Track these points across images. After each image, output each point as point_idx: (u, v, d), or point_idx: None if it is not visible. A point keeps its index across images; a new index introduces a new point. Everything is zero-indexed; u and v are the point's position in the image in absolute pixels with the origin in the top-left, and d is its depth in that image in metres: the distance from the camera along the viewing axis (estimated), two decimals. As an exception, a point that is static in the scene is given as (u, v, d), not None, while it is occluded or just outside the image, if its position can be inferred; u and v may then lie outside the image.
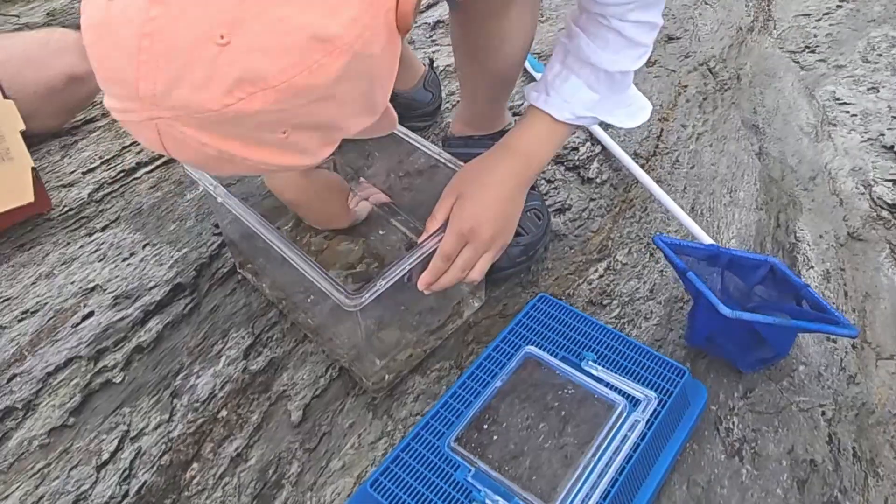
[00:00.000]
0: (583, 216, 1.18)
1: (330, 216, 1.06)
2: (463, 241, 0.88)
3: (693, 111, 1.45)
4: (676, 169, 1.29)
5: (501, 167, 0.91)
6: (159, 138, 0.50)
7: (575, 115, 0.89)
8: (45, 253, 1.15)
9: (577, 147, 1.31)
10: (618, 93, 0.92)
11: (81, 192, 1.28)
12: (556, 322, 0.95)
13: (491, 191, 0.89)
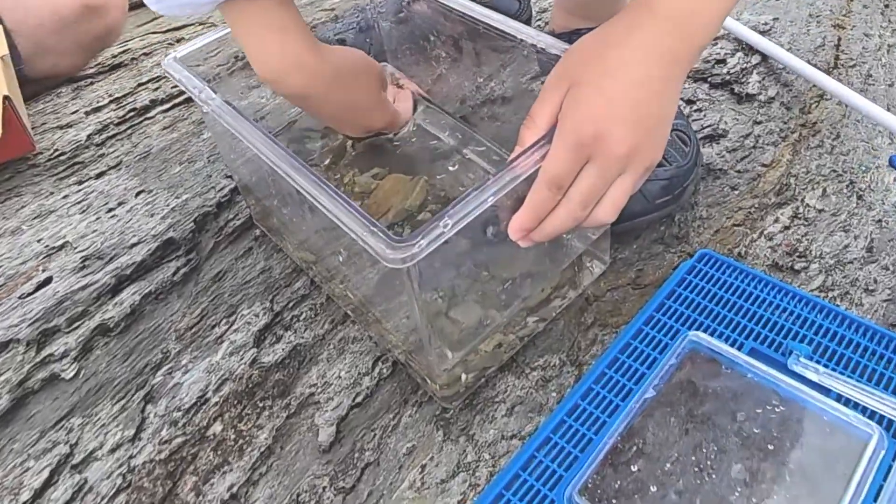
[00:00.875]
0: (745, 145, 0.78)
1: (358, 112, 0.66)
2: (581, 157, 0.50)
3: (875, 18, 1.02)
4: (870, 85, 0.87)
5: (636, 38, 0.50)
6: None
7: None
8: (21, 205, 0.84)
9: (723, 59, 0.90)
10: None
11: (80, 133, 0.95)
12: (731, 293, 0.57)
13: (621, 75, 0.50)
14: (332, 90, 0.59)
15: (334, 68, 0.59)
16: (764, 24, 0.97)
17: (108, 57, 1.21)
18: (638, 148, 0.50)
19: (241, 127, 0.58)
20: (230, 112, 0.60)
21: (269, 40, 0.54)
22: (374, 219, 0.47)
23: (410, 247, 0.46)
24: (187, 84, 0.64)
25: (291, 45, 0.55)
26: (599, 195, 0.51)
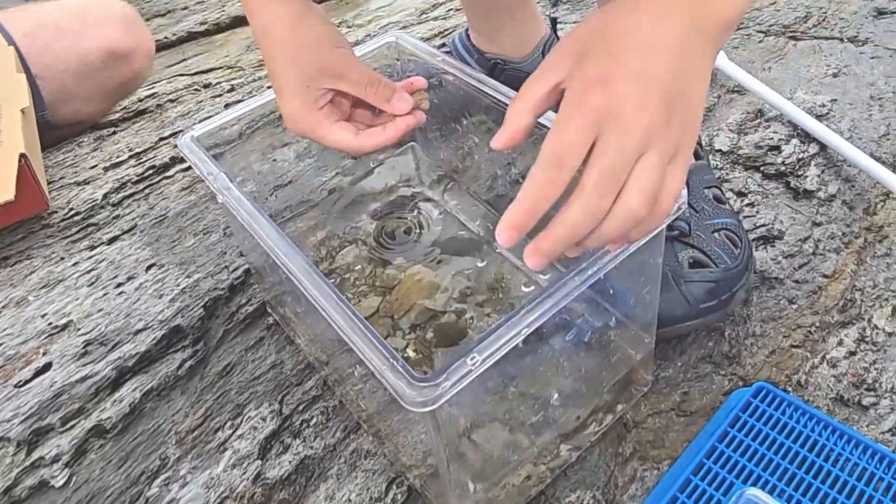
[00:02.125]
0: (804, 250, 0.71)
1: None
2: (591, 127, 0.40)
3: (943, 102, 0.96)
4: (941, 181, 0.81)
5: (649, 2, 0.43)
6: None
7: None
8: (31, 270, 0.80)
9: (777, 146, 0.85)
10: None
11: (96, 191, 0.92)
12: (793, 440, 0.50)
13: (632, 40, 0.42)
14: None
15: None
16: (821, 107, 0.91)
17: (133, 101, 1.19)
18: (658, 120, 0.41)
19: (256, 224, 0.54)
20: (244, 205, 0.56)
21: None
22: (395, 317, 0.43)
23: (434, 388, 0.41)
24: (202, 168, 0.61)
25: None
26: (620, 178, 0.41)
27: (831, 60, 1.06)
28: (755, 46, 1.13)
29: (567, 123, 0.40)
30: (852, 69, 1.02)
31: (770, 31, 1.17)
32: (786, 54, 1.11)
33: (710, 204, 0.70)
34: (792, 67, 1.05)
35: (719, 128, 0.91)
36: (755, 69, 1.06)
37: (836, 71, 1.02)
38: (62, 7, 1.09)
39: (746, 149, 0.85)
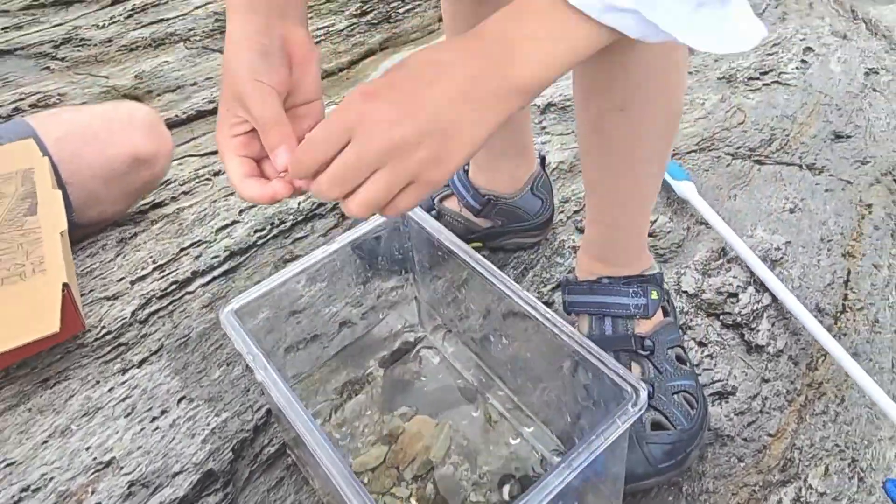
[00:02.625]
0: (753, 407, 0.83)
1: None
2: (343, 132, 0.48)
3: (885, 243, 1.08)
4: (877, 333, 0.93)
5: (448, 50, 0.50)
6: None
7: (603, 2, 0.46)
8: (70, 394, 0.90)
9: (735, 293, 0.97)
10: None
11: (125, 308, 1.02)
12: None
13: (416, 71, 0.49)
14: None
15: None
16: (777, 250, 1.03)
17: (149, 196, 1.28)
18: (404, 143, 0.47)
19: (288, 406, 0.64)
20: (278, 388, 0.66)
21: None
22: (400, 468, 0.52)
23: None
24: (242, 346, 0.70)
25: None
26: (349, 180, 0.49)
27: (790, 191, 1.18)
28: (724, 170, 1.25)
29: (328, 121, 0.48)
30: (808, 204, 1.14)
31: (738, 154, 1.29)
32: (751, 180, 1.23)
33: (673, 365, 0.81)
34: (755, 197, 1.17)
35: (687, 265, 1.02)
36: (722, 197, 1.18)
37: (793, 206, 1.14)
38: (91, 113, 1.18)
39: (709, 293, 0.97)
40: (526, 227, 1.07)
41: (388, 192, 0.49)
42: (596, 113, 0.75)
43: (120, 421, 0.85)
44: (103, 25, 1.85)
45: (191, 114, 1.66)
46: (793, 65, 1.61)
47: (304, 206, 1.23)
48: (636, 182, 0.80)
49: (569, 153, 1.31)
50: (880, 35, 1.95)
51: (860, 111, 1.44)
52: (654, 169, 0.79)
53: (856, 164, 1.27)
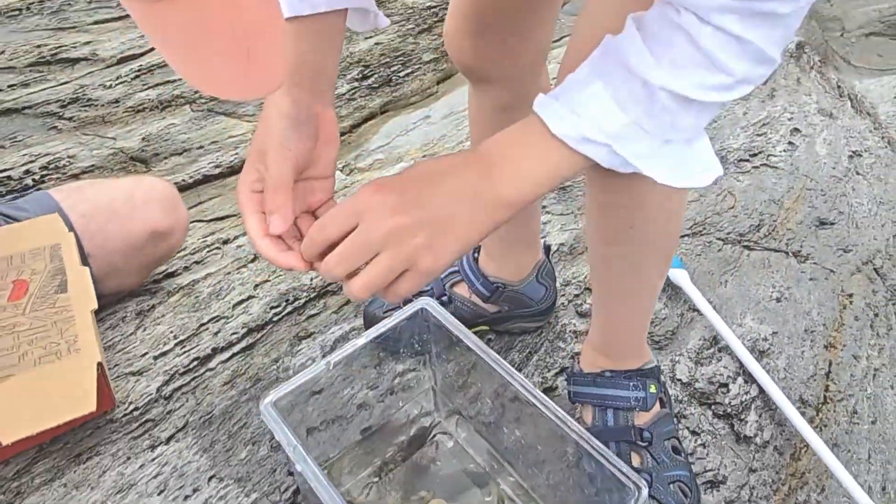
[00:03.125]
0: (742, 496, 0.95)
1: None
2: (352, 217, 0.58)
3: (864, 334, 1.22)
4: (855, 424, 1.06)
5: (451, 160, 0.61)
6: None
7: (580, 134, 0.58)
8: (102, 469, 0.99)
9: (726, 383, 1.09)
10: (660, 126, 0.59)
11: (150, 384, 1.12)
12: None
13: (423, 173, 0.60)
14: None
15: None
16: (764, 340, 1.16)
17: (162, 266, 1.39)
18: (403, 231, 0.57)
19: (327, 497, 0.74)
20: (318, 479, 0.77)
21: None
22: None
23: None
24: (282, 437, 0.81)
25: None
26: (353, 260, 0.58)
27: (777, 279, 1.32)
28: (715, 255, 1.39)
29: (340, 206, 0.59)
30: (793, 293, 1.28)
31: (728, 239, 1.43)
32: (740, 266, 1.36)
33: (669, 455, 0.93)
34: (744, 284, 1.31)
35: (680, 353, 1.15)
36: (714, 283, 1.31)
37: (780, 295, 1.27)
38: (113, 189, 1.29)
39: (702, 382, 1.09)
40: (531, 313, 1.19)
41: (388, 275, 0.58)
42: (605, 222, 0.88)
43: (153, 499, 0.95)
44: (110, 85, 1.96)
45: (197, 178, 1.78)
46: (781, 147, 1.76)
47: (316, 282, 1.35)
48: (640, 283, 0.92)
49: (569, 235, 1.45)
50: (865, 113, 2.12)
51: (843, 196, 1.59)
52: (658, 271, 0.92)
53: (839, 252, 1.41)
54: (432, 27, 2.49)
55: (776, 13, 0.54)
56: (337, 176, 1.80)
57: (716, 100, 0.58)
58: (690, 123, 0.60)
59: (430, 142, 2.00)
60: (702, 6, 0.54)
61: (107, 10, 2.21)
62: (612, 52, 0.60)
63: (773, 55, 0.57)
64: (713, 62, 0.56)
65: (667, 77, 0.57)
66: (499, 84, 0.97)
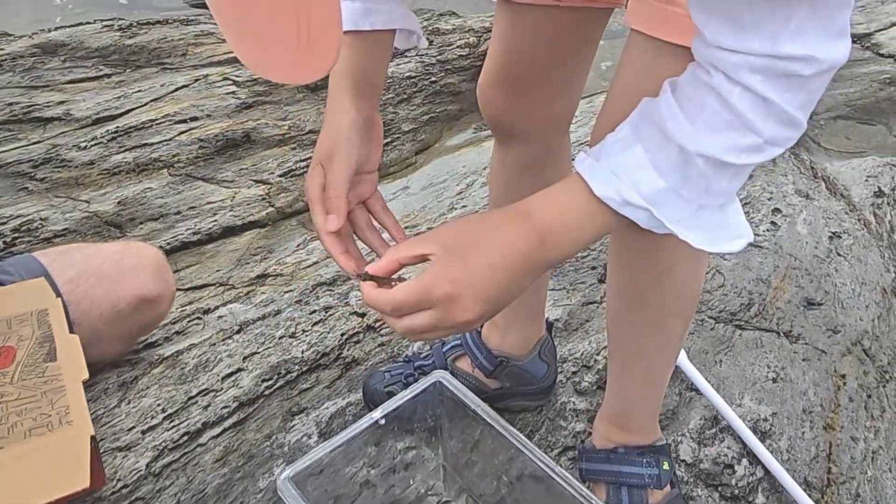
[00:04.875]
0: (755, 579, 0.99)
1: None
2: (427, 304, 0.65)
3: (860, 415, 1.28)
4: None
5: (505, 232, 0.67)
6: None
7: (622, 197, 0.64)
8: (91, 553, 0.98)
9: (731, 465, 1.14)
10: (695, 191, 0.64)
11: (139, 460, 1.12)
12: None
13: (485, 258, 0.66)
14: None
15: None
16: (764, 421, 1.21)
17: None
18: (473, 321, 0.66)
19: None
20: None
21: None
22: None
23: None
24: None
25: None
26: (423, 334, 0.68)
27: (771, 359, 1.38)
28: (708, 334, 1.45)
29: (415, 295, 0.65)
30: (788, 374, 1.34)
31: (720, 318, 1.50)
32: (734, 345, 1.42)
33: (681, 541, 0.96)
34: (739, 364, 1.37)
35: (682, 433, 1.19)
36: (709, 362, 1.37)
37: (776, 375, 1.33)
38: (101, 253, 1.30)
39: (706, 463, 1.13)
40: (532, 391, 1.23)
41: (431, 334, 0.67)
42: (631, 284, 0.93)
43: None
44: (85, 146, 1.98)
45: (174, 244, 1.80)
46: (763, 226, 1.86)
47: (307, 355, 1.36)
48: (663, 341, 0.97)
49: (562, 310, 1.49)
50: (839, 195, 2.25)
51: (828, 277, 1.68)
52: (679, 333, 0.97)
53: (828, 333, 1.48)
54: (411, 97, 2.58)
55: (799, 74, 0.59)
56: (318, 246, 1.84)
57: (747, 162, 0.63)
58: (724, 188, 0.65)
59: (411, 213, 2.04)
60: (729, 65, 0.59)
61: (82, 70, 2.24)
62: (650, 116, 0.65)
63: (799, 118, 0.61)
64: (743, 122, 0.61)
65: (702, 142, 0.62)
66: (524, 140, 1.04)
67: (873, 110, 3.12)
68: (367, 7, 0.79)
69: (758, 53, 0.58)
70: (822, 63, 0.59)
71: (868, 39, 3.49)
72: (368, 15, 0.79)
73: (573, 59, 0.99)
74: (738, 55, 0.59)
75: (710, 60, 0.61)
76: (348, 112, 0.79)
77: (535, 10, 0.92)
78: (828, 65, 0.59)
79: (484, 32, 2.89)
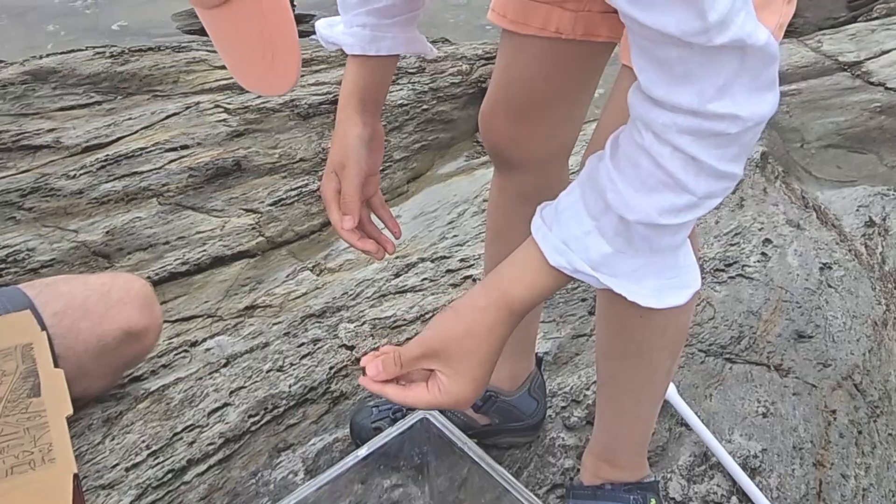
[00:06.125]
0: None
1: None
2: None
3: (850, 452, 1.28)
4: (848, 549, 1.10)
5: (484, 321, 0.72)
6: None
7: (573, 266, 0.67)
8: (70, 593, 0.97)
9: (721, 502, 1.13)
10: (640, 251, 0.67)
11: (122, 498, 1.11)
12: None
13: (475, 357, 0.72)
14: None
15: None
16: (754, 457, 1.21)
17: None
18: (464, 401, 0.73)
19: None
20: None
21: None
22: None
23: None
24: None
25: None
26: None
27: (761, 393, 1.38)
28: (698, 367, 1.45)
29: (429, 404, 0.73)
30: (778, 408, 1.34)
31: (710, 351, 1.50)
32: (724, 379, 1.43)
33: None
34: (729, 398, 1.37)
35: (672, 470, 1.19)
36: (699, 396, 1.37)
37: (766, 410, 1.34)
38: (88, 286, 1.30)
39: (696, 501, 1.13)
40: (521, 427, 1.22)
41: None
42: (617, 318, 0.93)
43: None
44: (74, 175, 1.98)
45: (163, 275, 1.79)
46: (754, 257, 1.87)
47: (294, 389, 1.36)
48: (650, 375, 0.97)
49: (552, 343, 1.50)
50: (830, 225, 2.26)
51: (818, 309, 1.69)
52: (667, 366, 0.97)
53: (818, 367, 1.49)
54: (403, 125, 2.59)
55: (727, 133, 0.60)
56: (307, 276, 1.84)
57: (685, 220, 0.64)
58: (668, 243, 0.67)
59: (402, 242, 2.05)
60: (659, 125, 0.60)
61: (72, 97, 2.25)
62: (594, 182, 0.67)
63: (732, 170, 0.62)
64: (676, 183, 0.62)
65: (638, 209, 0.63)
66: (524, 170, 1.05)
67: (864, 139, 3.14)
68: (375, 35, 0.91)
69: (685, 110, 0.59)
70: (746, 121, 0.60)
71: (858, 68, 3.52)
72: (375, 41, 0.92)
73: (574, 92, 1.00)
74: (666, 114, 0.60)
75: (642, 118, 0.62)
76: (356, 125, 0.94)
77: (538, 42, 0.95)
78: (753, 122, 0.60)
79: (476, 60, 2.91)
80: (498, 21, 0.98)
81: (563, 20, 0.92)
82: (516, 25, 0.96)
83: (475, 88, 2.79)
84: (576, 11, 0.92)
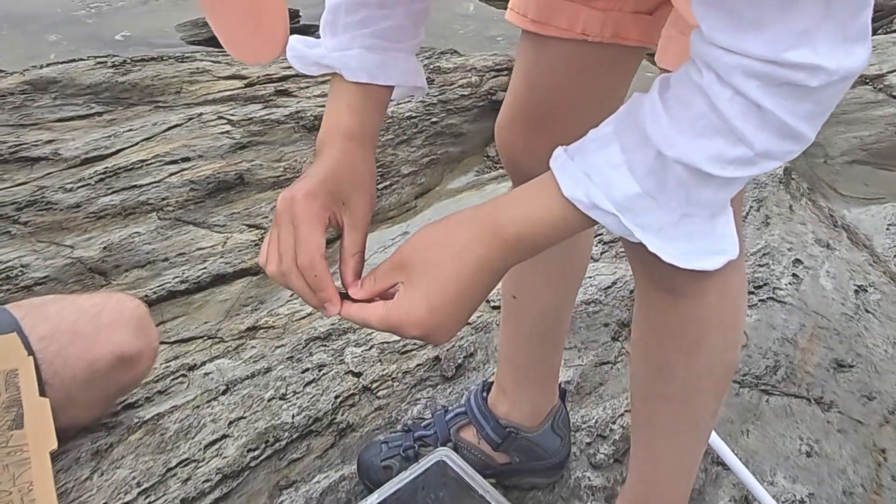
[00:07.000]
0: None
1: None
2: (391, 329, 0.64)
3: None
4: None
5: (474, 254, 0.62)
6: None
7: (591, 200, 0.58)
8: None
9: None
10: (674, 199, 0.57)
11: (109, 541, 1.02)
12: None
13: (452, 289, 0.62)
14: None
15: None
16: (800, 503, 1.11)
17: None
18: (430, 334, 0.64)
19: None
20: None
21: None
22: None
23: None
24: None
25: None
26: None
27: (803, 430, 1.28)
28: (733, 401, 1.35)
29: (392, 327, 0.63)
30: (823, 447, 1.24)
31: (745, 382, 1.40)
32: (761, 414, 1.33)
33: None
34: (769, 435, 1.27)
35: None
36: (735, 432, 1.27)
37: (809, 449, 1.23)
38: (78, 307, 1.21)
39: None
40: (543, 467, 1.13)
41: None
42: (658, 354, 0.84)
43: None
44: (71, 188, 1.90)
45: (161, 294, 1.70)
46: (785, 279, 1.77)
47: (298, 420, 1.26)
48: (694, 420, 0.87)
49: (573, 371, 1.40)
50: (861, 245, 2.16)
51: (859, 337, 1.59)
52: (711, 409, 0.87)
53: (863, 400, 1.39)
54: (412, 138, 2.51)
55: (805, 85, 0.51)
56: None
57: (735, 175, 0.55)
58: (709, 199, 0.58)
59: (413, 260, 1.95)
60: (723, 65, 0.52)
61: (72, 108, 2.17)
62: (633, 113, 0.58)
63: (802, 129, 0.53)
64: (732, 130, 0.53)
65: (681, 148, 0.55)
66: None
67: (890, 155, 3.04)
68: (385, 59, 0.77)
69: (756, 57, 0.50)
70: (832, 74, 0.50)
71: (881, 81, 3.43)
72: (384, 67, 0.77)
73: (601, 100, 0.90)
74: (733, 55, 0.51)
75: (703, 57, 0.53)
76: (366, 160, 0.76)
77: (563, 45, 0.86)
78: (840, 75, 0.51)
79: (487, 71, 2.83)
80: (518, 21, 0.89)
81: (591, 20, 0.83)
82: (538, 26, 0.87)
83: (485, 101, 2.70)
84: (605, 11, 0.83)
